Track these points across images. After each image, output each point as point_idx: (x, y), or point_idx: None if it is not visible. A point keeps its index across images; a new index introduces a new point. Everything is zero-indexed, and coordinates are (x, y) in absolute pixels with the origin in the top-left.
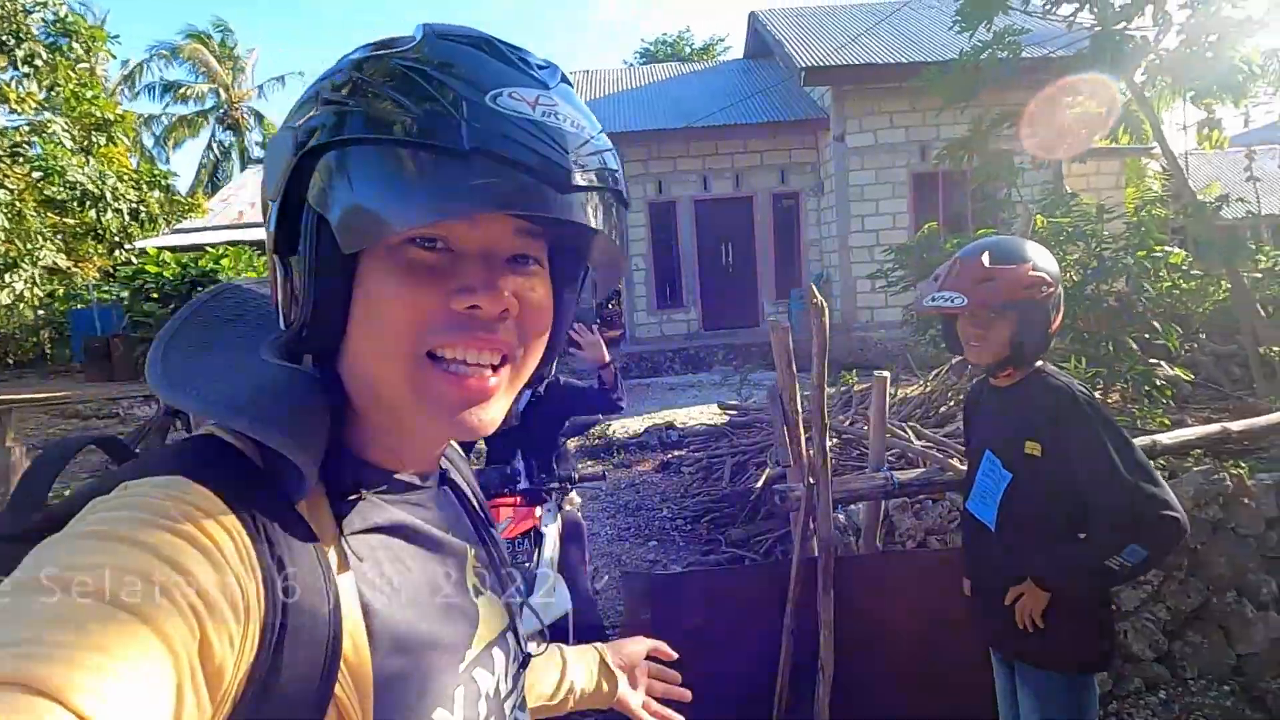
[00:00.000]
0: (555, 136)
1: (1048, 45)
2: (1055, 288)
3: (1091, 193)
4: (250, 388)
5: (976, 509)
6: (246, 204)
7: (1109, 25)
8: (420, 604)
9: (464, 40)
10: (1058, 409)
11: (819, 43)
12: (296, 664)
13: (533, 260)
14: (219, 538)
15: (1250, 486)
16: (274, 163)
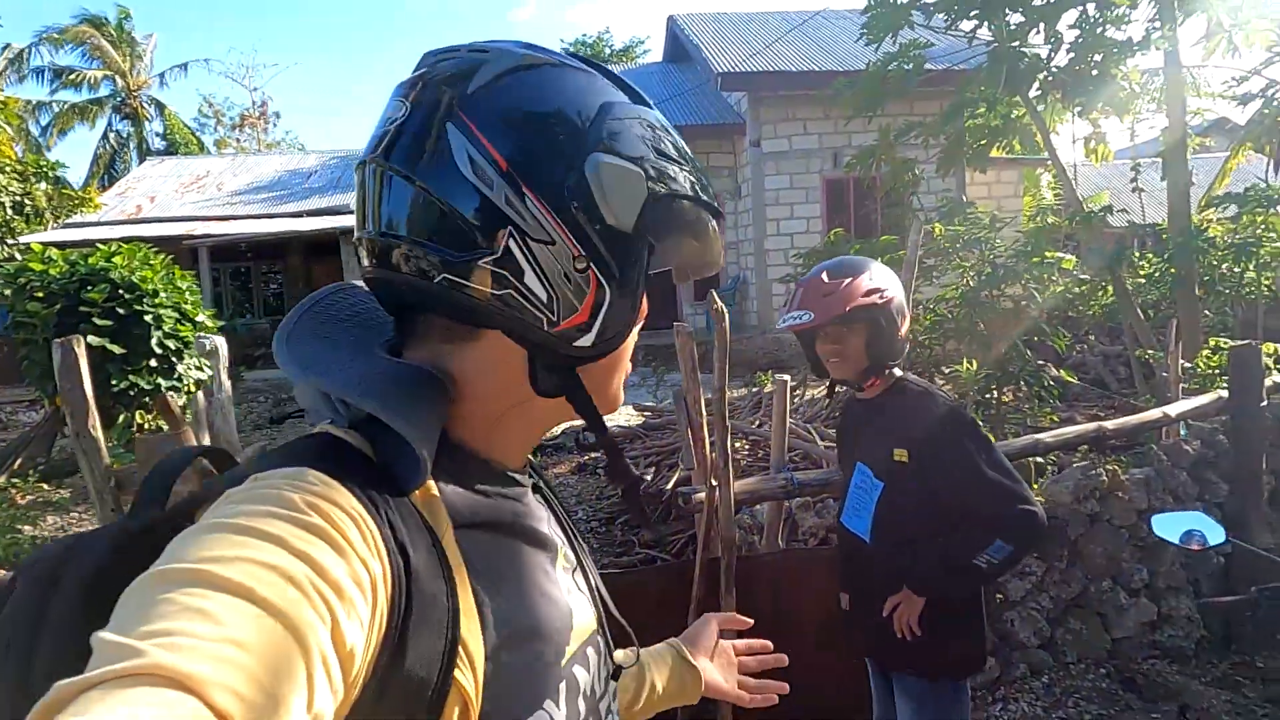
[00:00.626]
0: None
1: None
2: (893, 296)
3: (991, 200)
4: (374, 375)
5: (851, 523)
6: (145, 198)
7: (1005, 42)
8: (526, 595)
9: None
10: (921, 414)
11: (735, 48)
12: (420, 645)
13: None
14: (344, 525)
15: (1124, 481)
16: (631, 194)
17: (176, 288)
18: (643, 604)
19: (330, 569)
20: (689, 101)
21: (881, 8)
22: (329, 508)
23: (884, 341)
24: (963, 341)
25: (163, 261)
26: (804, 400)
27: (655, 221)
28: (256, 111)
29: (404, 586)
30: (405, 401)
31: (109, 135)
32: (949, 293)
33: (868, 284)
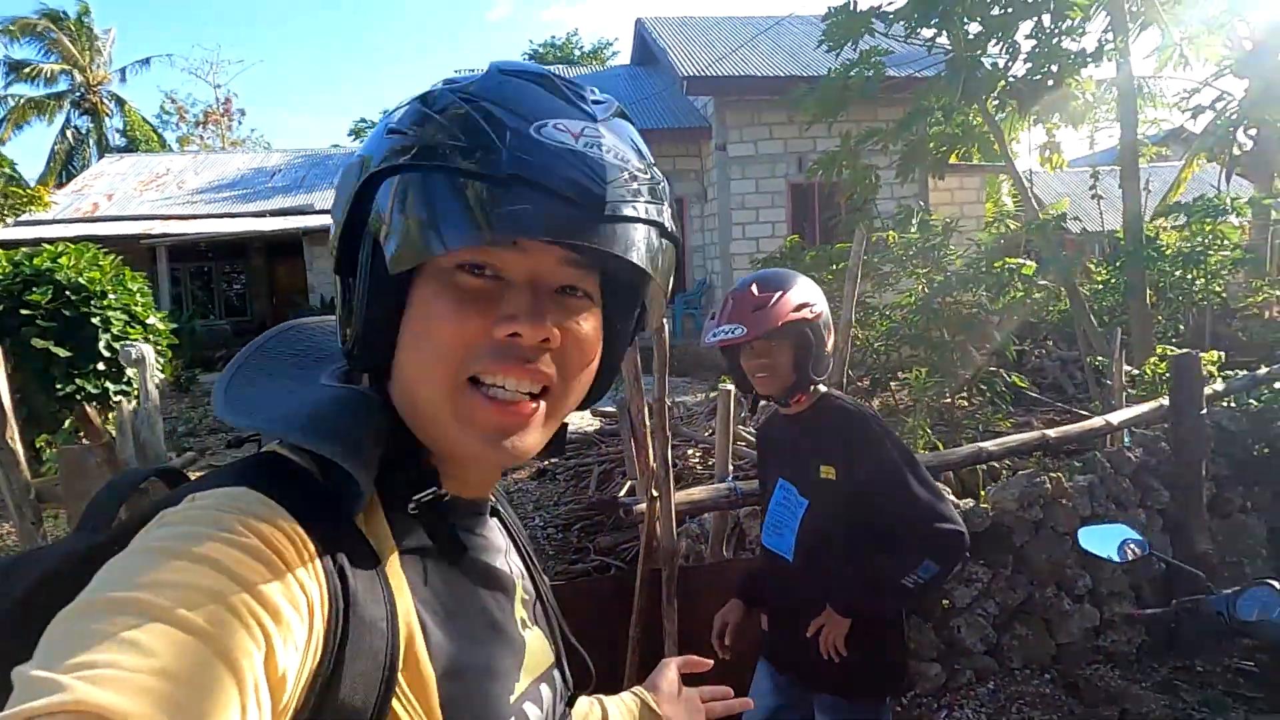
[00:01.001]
0: (593, 166)
1: (913, 66)
2: (821, 311)
3: (954, 206)
4: (308, 406)
5: (771, 541)
6: (102, 195)
7: (963, 51)
8: (474, 628)
9: (523, 76)
10: (849, 431)
11: (701, 53)
12: (355, 673)
13: (581, 292)
14: (282, 545)
15: (1068, 488)
16: (342, 189)
17: (127, 289)
18: (584, 615)
19: (267, 593)
20: (656, 104)
21: (841, 15)
22: (267, 529)
23: (812, 357)
24: (918, 348)
25: (112, 262)
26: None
27: (366, 208)
28: (220, 108)
29: (342, 612)
30: (338, 427)
31: (67, 131)
32: (904, 299)
33: (798, 298)
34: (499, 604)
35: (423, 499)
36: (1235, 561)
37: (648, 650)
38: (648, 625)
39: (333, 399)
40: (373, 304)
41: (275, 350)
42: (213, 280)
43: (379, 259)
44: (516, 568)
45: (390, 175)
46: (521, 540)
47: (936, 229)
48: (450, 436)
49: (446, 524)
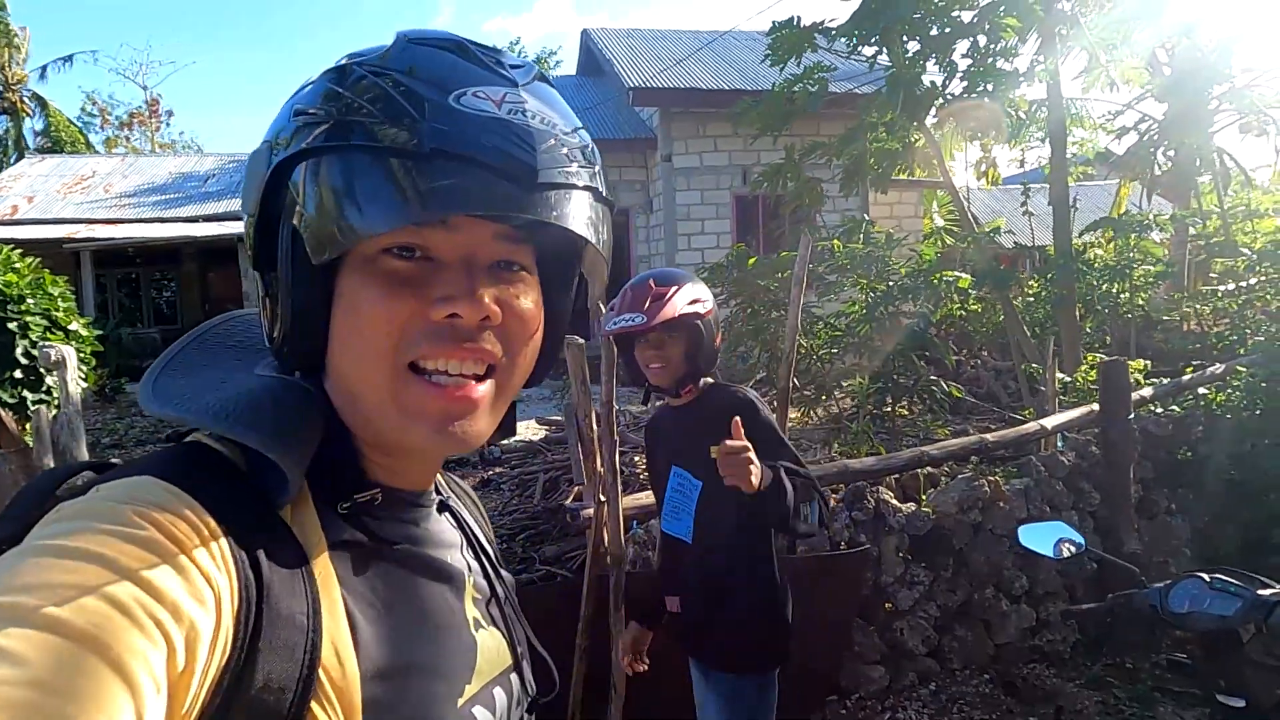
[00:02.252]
0: (520, 134)
1: (857, 82)
2: (712, 308)
3: (893, 220)
4: (236, 396)
5: (671, 527)
6: (22, 198)
7: (902, 69)
8: (414, 626)
9: (435, 44)
10: (736, 410)
11: (647, 64)
12: (269, 669)
13: (518, 266)
14: (185, 537)
15: (1005, 491)
16: (251, 178)
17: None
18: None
19: (165, 588)
20: (602, 115)
21: (785, 30)
22: (168, 519)
23: (703, 350)
24: (860, 356)
25: (30, 265)
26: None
27: (280, 197)
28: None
29: (254, 604)
30: (265, 417)
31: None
32: (847, 308)
33: (691, 294)
34: (446, 601)
35: (359, 500)
36: (1161, 561)
37: (595, 658)
38: (594, 633)
39: (264, 388)
40: (298, 298)
41: (213, 342)
42: (141, 287)
43: (300, 249)
44: (469, 565)
45: (302, 159)
46: (477, 537)
47: (880, 240)
48: (395, 427)
49: (383, 518)
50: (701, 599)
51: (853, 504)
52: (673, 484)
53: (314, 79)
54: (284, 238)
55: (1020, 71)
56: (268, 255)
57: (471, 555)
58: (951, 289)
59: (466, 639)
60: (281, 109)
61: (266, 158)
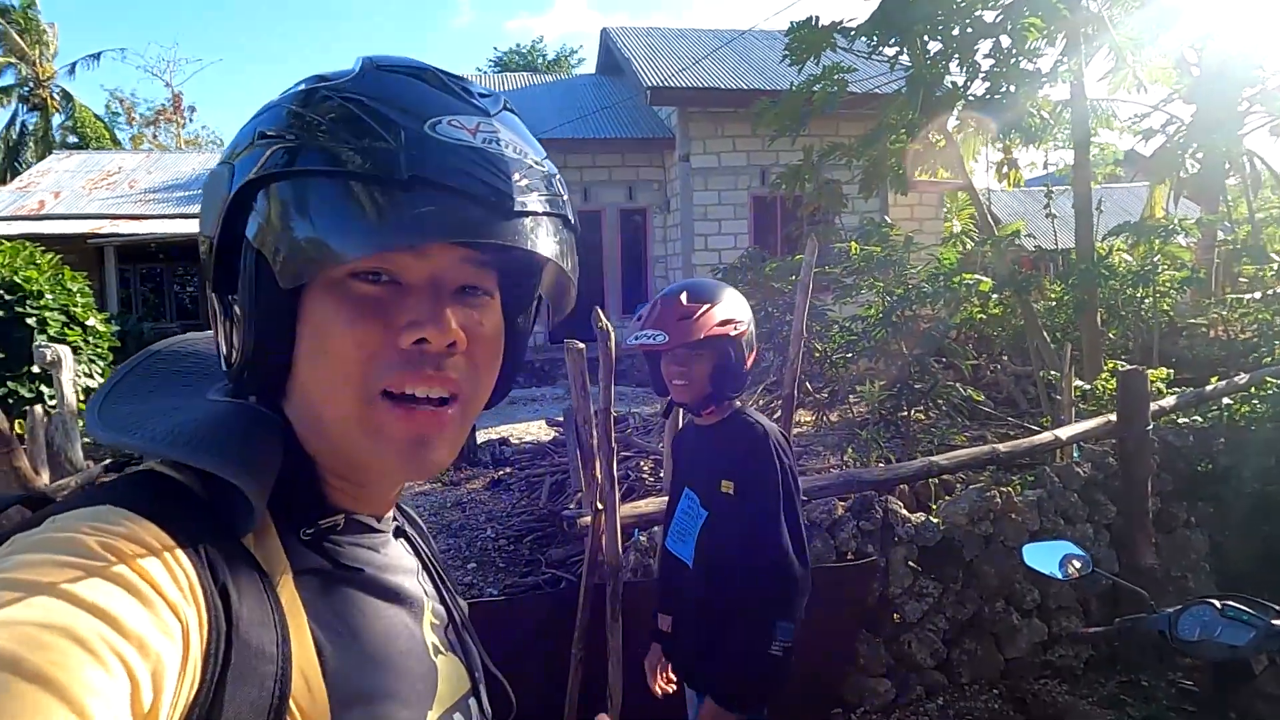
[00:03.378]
0: (497, 163)
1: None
2: (746, 329)
3: (914, 222)
4: (193, 422)
5: (675, 547)
6: (49, 193)
7: (923, 69)
8: (379, 653)
9: (402, 70)
10: (749, 451)
11: (666, 63)
12: (240, 701)
13: (482, 291)
14: (150, 568)
15: (1017, 503)
16: (210, 199)
17: (66, 289)
18: (525, 630)
19: (129, 622)
20: (620, 114)
21: (803, 30)
22: (132, 550)
23: (730, 373)
24: (876, 361)
25: (51, 261)
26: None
27: (243, 220)
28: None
29: (223, 634)
30: (227, 442)
31: (12, 128)
32: (865, 311)
33: (723, 314)
34: (407, 627)
35: (323, 525)
36: (1179, 576)
37: (590, 669)
38: (591, 643)
39: (221, 414)
40: (261, 322)
41: (159, 367)
42: (164, 282)
43: (264, 273)
44: (425, 590)
45: (271, 182)
46: (433, 563)
47: (898, 243)
48: (362, 450)
49: (345, 544)
50: (694, 625)
51: (860, 514)
52: (682, 505)
53: (275, 101)
54: (247, 261)
55: (1043, 72)
56: (227, 277)
57: (428, 580)
58: (972, 292)
59: (427, 665)
60: (241, 130)
61: (228, 180)
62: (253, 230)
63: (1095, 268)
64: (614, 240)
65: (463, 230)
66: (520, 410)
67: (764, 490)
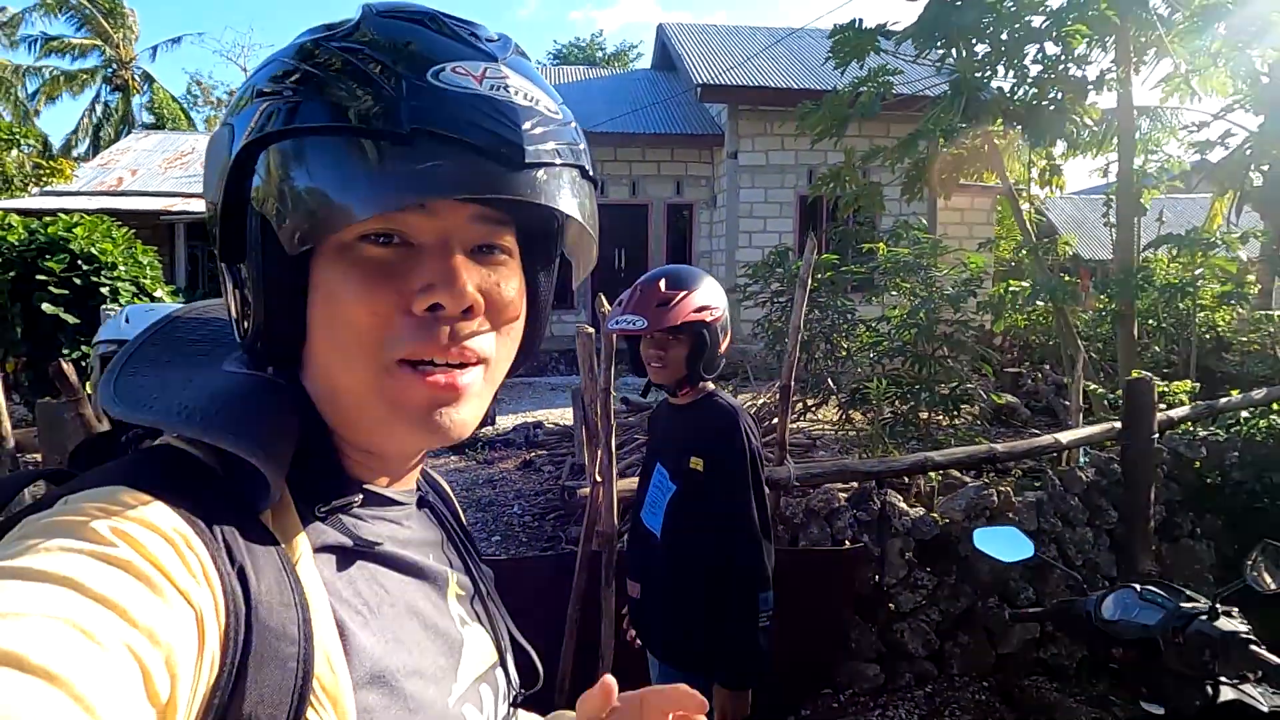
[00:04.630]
0: (505, 111)
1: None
2: (721, 314)
3: (964, 227)
4: (208, 396)
5: (646, 519)
6: (127, 170)
7: (968, 73)
8: (400, 628)
9: (406, 16)
10: (721, 430)
11: (718, 60)
12: (263, 684)
13: (499, 249)
14: (160, 554)
15: (1015, 502)
16: (212, 163)
17: (138, 262)
18: (524, 592)
19: (139, 612)
20: (671, 109)
21: (847, 32)
22: (142, 534)
23: (705, 356)
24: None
25: (125, 235)
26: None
27: (246, 183)
28: None
29: (243, 617)
30: (243, 417)
31: (96, 107)
32: (890, 313)
33: (700, 300)
34: (431, 601)
35: (337, 505)
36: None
37: (586, 629)
38: (586, 607)
39: (237, 387)
40: (270, 290)
41: (175, 336)
42: None
43: (271, 239)
44: (450, 562)
45: (270, 143)
46: (458, 533)
47: (925, 245)
48: (380, 419)
49: (365, 518)
50: (660, 594)
51: (858, 503)
52: (655, 479)
53: (275, 54)
54: (252, 227)
55: (1090, 80)
56: (234, 245)
57: (453, 551)
58: (1016, 299)
59: (453, 638)
60: (240, 88)
61: (228, 142)
62: (256, 194)
63: (1133, 278)
64: (660, 234)
65: (469, 185)
66: (558, 396)
67: (733, 469)
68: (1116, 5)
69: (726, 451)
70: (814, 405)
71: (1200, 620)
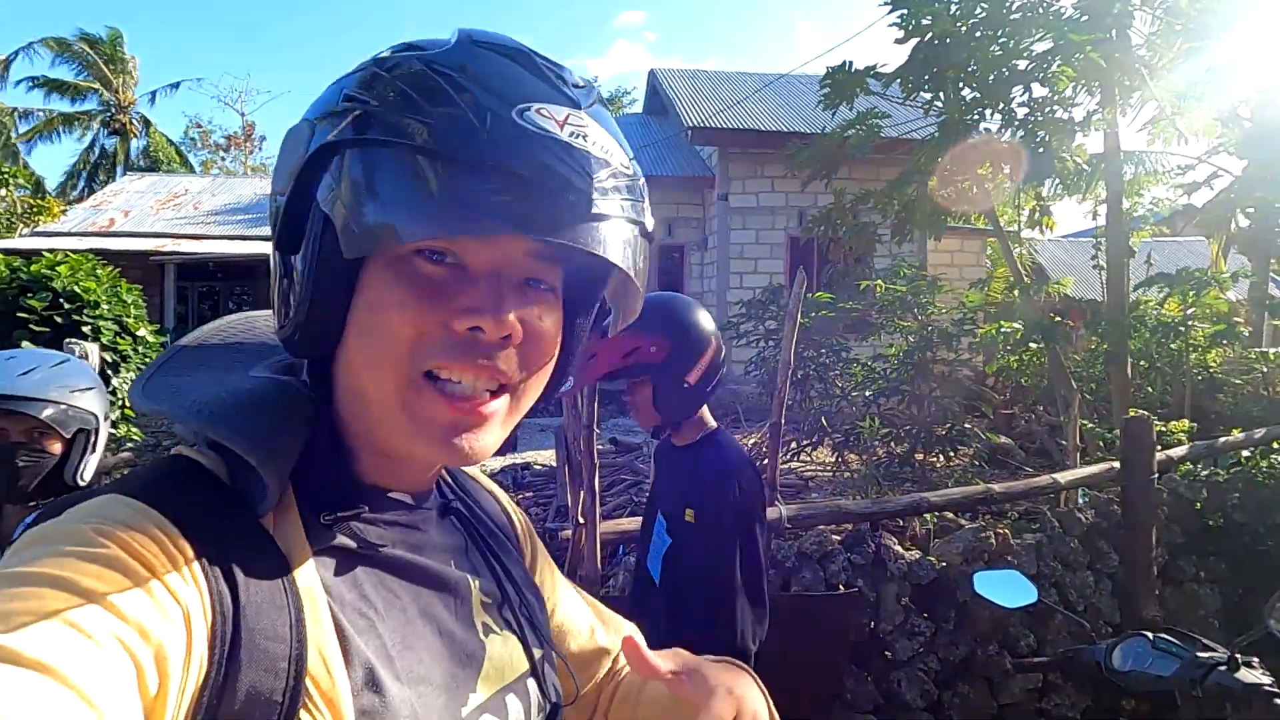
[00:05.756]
0: (580, 160)
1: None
2: (668, 348)
3: (955, 269)
4: (224, 395)
5: (648, 564)
6: (119, 211)
7: (956, 115)
8: (411, 633)
9: (499, 50)
10: (714, 479)
11: (708, 104)
12: (251, 683)
13: (545, 286)
14: (149, 554)
15: (1014, 545)
16: (287, 155)
17: (121, 300)
18: None
19: (128, 608)
20: (662, 152)
21: (838, 74)
22: (131, 536)
23: (669, 394)
24: (900, 403)
25: (109, 273)
26: None
27: (316, 179)
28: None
29: (230, 618)
30: (248, 417)
31: (93, 149)
32: (887, 351)
33: (630, 343)
34: (449, 608)
35: (341, 516)
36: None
37: None
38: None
39: (253, 389)
40: (318, 287)
41: (212, 343)
42: (220, 300)
43: (329, 237)
44: (475, 569)
45: (349, 147)
46: (485, 540)
47: (922, 283)
48: (401, 432)
49: (375, 523)
50: (660, 643)
51: (852, 546)
52: (657, 526)
53: (366, 62)
54: (314, 222)
55: (1077, 121)
56: (292, 237)
57: (480, 558)
58: (1007, 340)
59: (471, 646)
60: (328, 89)
61: (307, 137)
62: (323, 194)
63: (1125, 318)
64: (652, 275)
65: (534, 225)
66: (548, 438)
67: (719, 523)
68: (1100, 47)
69: (716, 503)
70: (807, 446)
71: (1220, 671)
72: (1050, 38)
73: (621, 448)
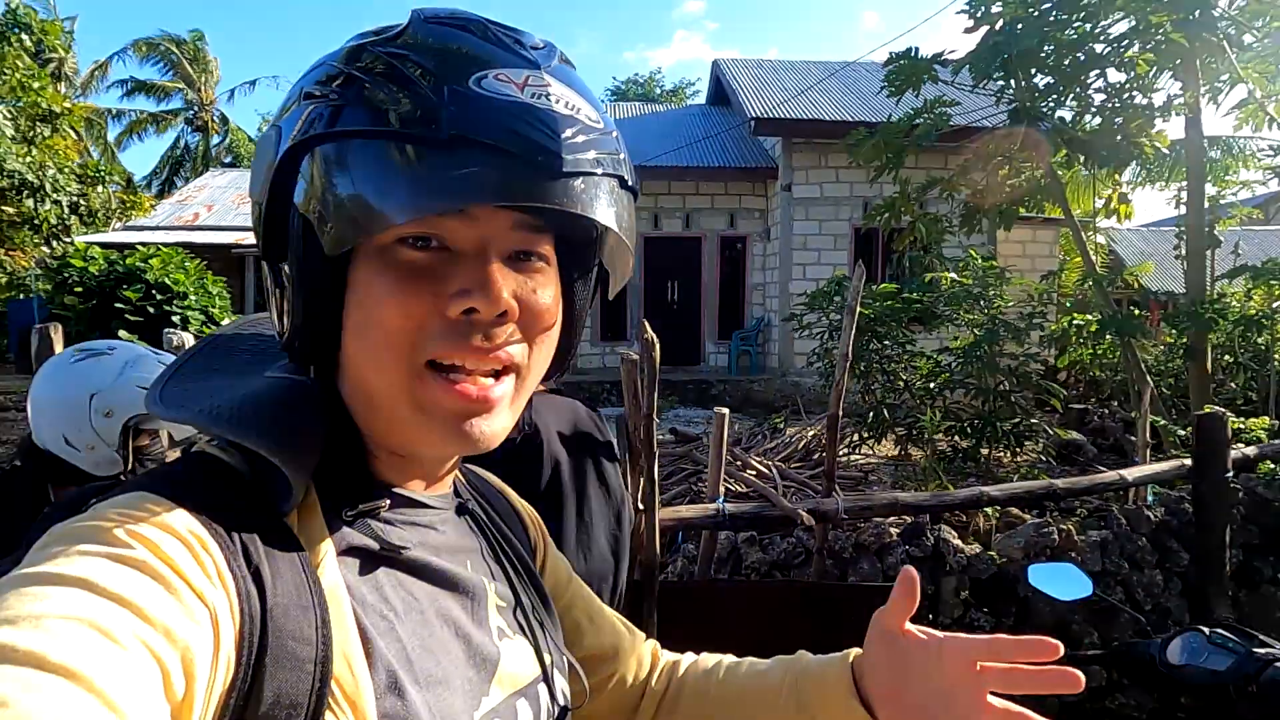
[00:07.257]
0: (545, 119)
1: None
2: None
3: (1026, 259)
4: (241, 398)
5: None
6: (203, 206)
7: (1026, 102)
8: (430, 635)
9: (453, 23)
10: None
11: (771, 94)
12: (279, 686)
13: (537, 257)
14: (175, 554)
15: (1078, 541)
16: (259, 163)
17: (208, 292)
18: None
19: (155, 610)
20: (725, 143)
21: (902, 61)
22: (157, 535)
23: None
24: (966, 395)
25: (196, 266)
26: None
27: (290, 184)
28: None
29: (258, 619)
30: (267, 419)
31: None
32: (953, 343)
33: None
34: (465, 610)
35: (363, 510)
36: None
37: None
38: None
39: (268, 390)
40: (309, 290)
41: (225, 347)
42: None
43: (311, 240)
44: (490, 571)
45: (314, 145)
46: (502, 542)
47: (990, 274)
48: (410, 424)
49: (394, 523)
50: None
51: (910, 539)
52: None
53: (323, 58)
54: (294, 227)
55: (1156, 106)
56: (278, 244)
57: (494, 560)
58: (1081, 333)
59: (488, 649)
60: (290, 90)
61: (275, 142)
62: (299, 195)
63: (1206, 311)
64: (713, 267)
65: (506, 192)
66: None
67: None
68: (1183, 28)
69: None
70: (870, 439)
71: (1276, 667)
72: (1129, 18)
73: (681, 438)
